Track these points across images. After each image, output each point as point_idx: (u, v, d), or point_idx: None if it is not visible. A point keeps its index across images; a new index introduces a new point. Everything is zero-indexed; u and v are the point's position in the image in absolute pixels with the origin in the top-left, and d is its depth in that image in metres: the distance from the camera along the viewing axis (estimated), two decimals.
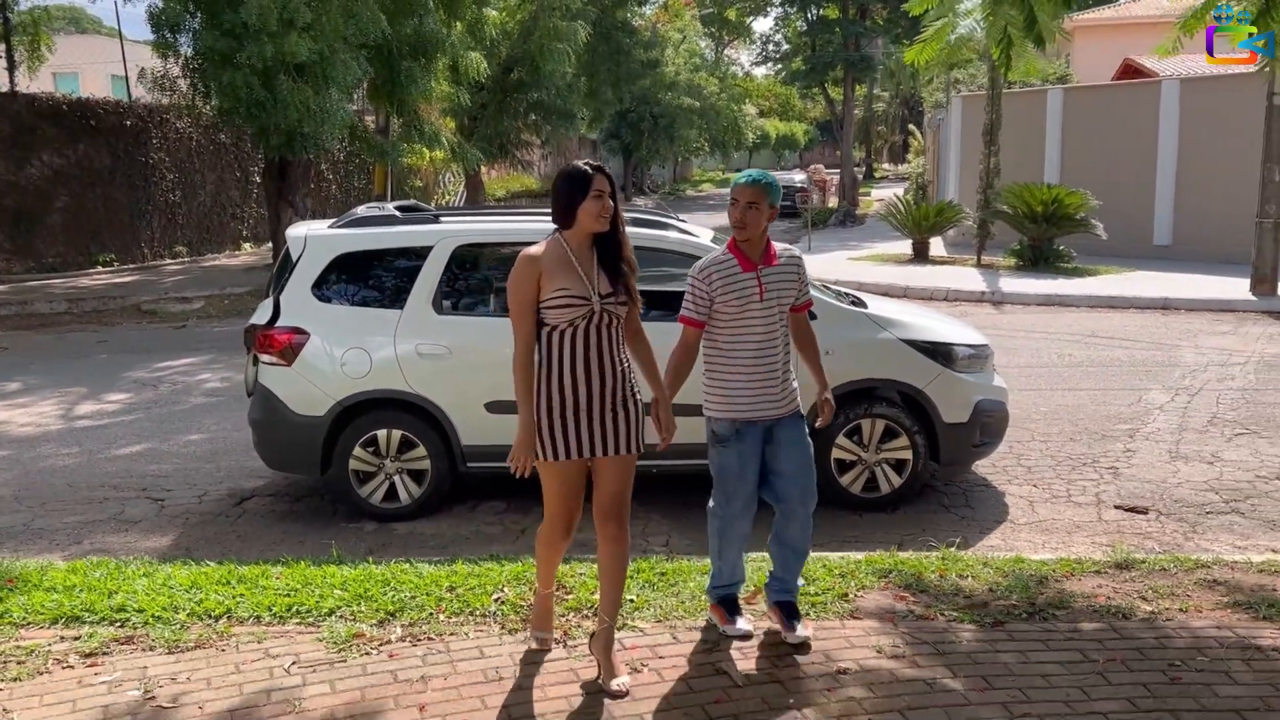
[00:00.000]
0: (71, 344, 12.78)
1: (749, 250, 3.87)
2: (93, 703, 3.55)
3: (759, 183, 3.83)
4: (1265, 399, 8.53)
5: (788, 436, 3.92)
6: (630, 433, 3.65)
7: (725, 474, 3.92)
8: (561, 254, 3.55)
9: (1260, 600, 4.27)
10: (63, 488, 6.70)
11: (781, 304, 3.90)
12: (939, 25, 5.82)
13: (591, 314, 3.53)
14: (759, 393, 3.87)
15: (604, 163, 33.64)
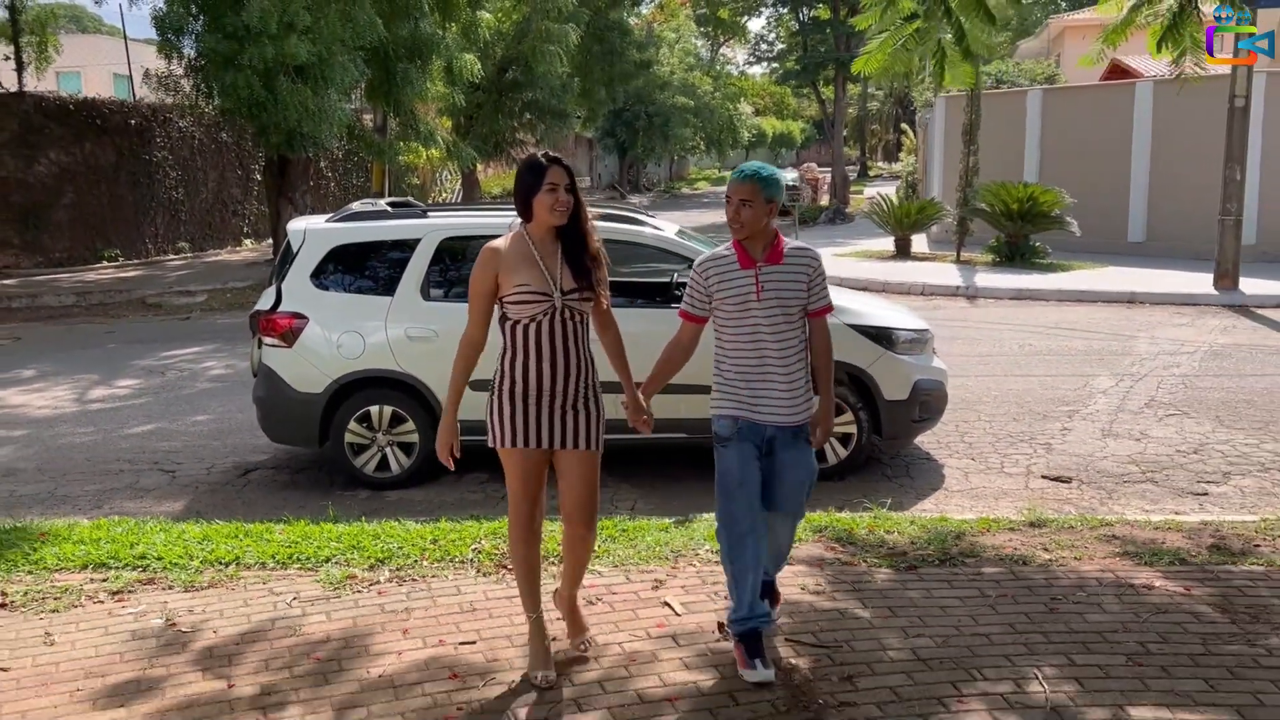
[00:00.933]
0: (81, 335, 13.35)
1: (750, 247, 3.72)
2: (122, 628, 4.12)
3: (751, 179, 3.68)
4: (1203, 384, 9.11)
5: (790, 456, 3.78)
6: (590, 430, 3.63)
7: (725, 475, 3.75)
8: (523, 248, 3.55)
9: (1146, 550, 4.86)
10: (81, 461, 7.28)
11: (786, 305, 3.70)
12: (883, 39, 6.34)
13: (553, 310, 3.51)
14: (761, 393, 3.72)
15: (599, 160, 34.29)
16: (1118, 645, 3.84)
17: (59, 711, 3.45)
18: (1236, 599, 4.25)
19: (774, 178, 3.73)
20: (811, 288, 3.75)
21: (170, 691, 3.58)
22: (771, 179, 3.71)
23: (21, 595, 4.45)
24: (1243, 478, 6.46)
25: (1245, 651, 3.77)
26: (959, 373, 9.69)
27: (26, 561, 4.83)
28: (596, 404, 3.66)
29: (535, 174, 3.51)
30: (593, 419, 3.64)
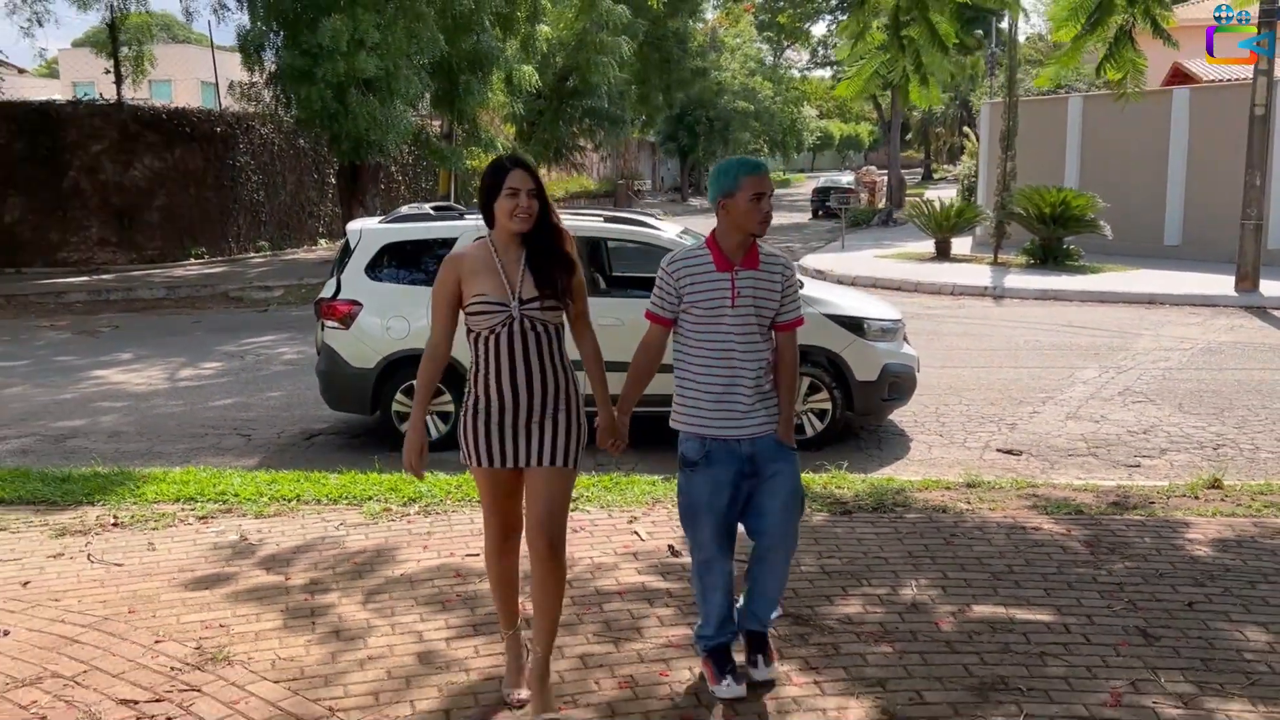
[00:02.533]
0: (170, 324, 14.78)
1: (729, 249, 3.48)
2: (206, 541, 5.26)
3: (766, 171, 3.53)
4: (1181, 376, 9.83)
5: (771, 467, 3.52)
6: (560, 445, 3.41)
7: (693, 503, 3.53)
8: (485, 256, 3.39)
9: (1053, 505, 5.72)
10: (173, 427, 8.53)
11: (760, 312, 3.49)
12: (861, 65, 7.24)
13: (511, 320, 3.34)
14: (730, 407, 3.49)
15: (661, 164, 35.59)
16: (988, 566, 4.75)
17: (159, 591, 4.58)
18: (1105, 538, 5.12)
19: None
20: (784, 297, 3.54)
21: (242, 581, 4.69)
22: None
23: (129, 518, 5.62)
24: (1178, 454, 7.25)
25: (1089, 573, 4.65)
26: (957, 363, 10.56)
27: (132, 495, 6.02)
28: (570, 417, 3.43)
29: (496, 177, 3.35)
30: (562, 433, 3.41)
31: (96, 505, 5.85)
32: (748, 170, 3.46)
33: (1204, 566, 4.73)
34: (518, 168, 3.35)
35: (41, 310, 16.26)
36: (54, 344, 13.12)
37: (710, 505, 3.49)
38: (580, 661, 3.84)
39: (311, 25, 16.60)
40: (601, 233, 7.80)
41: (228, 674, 3.74)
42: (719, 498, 3.49)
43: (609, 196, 34.20)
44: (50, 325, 14.71)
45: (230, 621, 4.21)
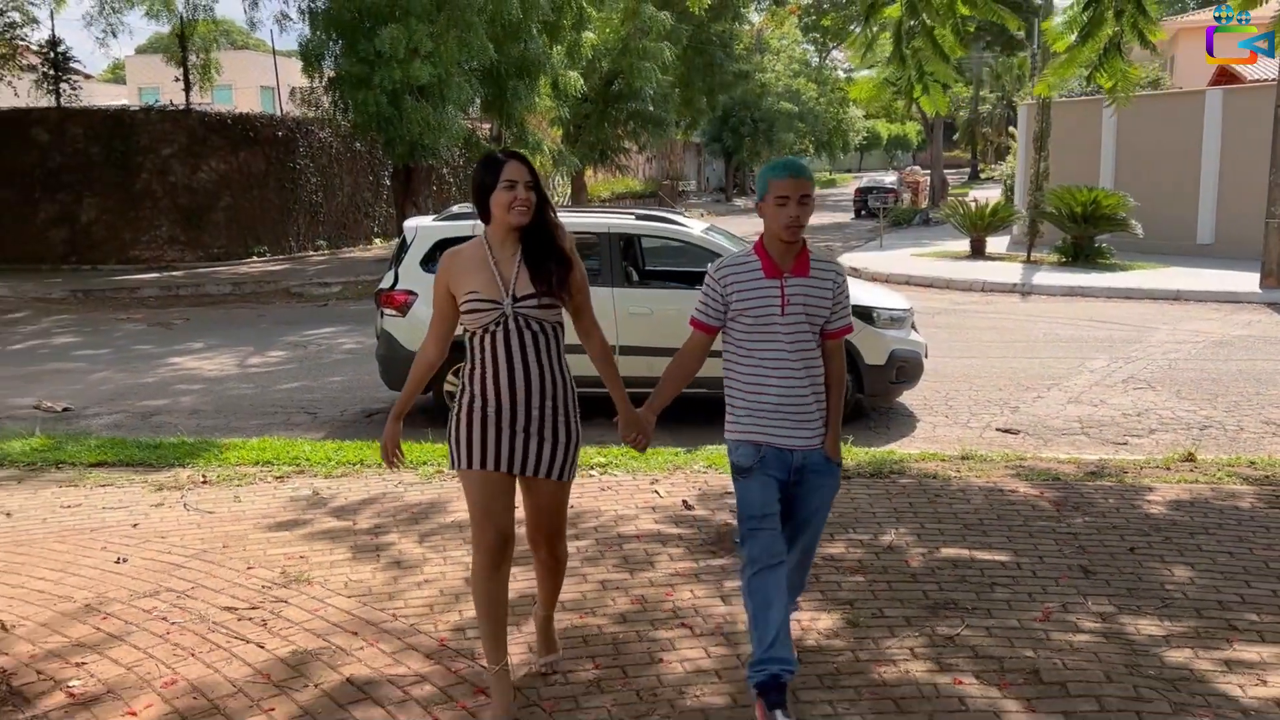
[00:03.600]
0: (237, 317, 15.77)
1: (778, 254, 3.35)
2: (283, 494, 6.07)
3: (806, 172, 3.35)
4: (1186, 366, 10.34)
5: (815, 481, 3.43)
6: (560, 457, 3.33)
7: (747, 508, 3.39)
8: (479, 252, 3.30)
9: (1033, 473, 6.35)
10: (246, 406, 9.40)
11: (812, 320, 3.36)
12: (870, 73, 7.89)
13: (503, 318, 3.23)
14: (785, 416, 3.37)
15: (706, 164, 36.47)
16: (962, 519, 5.41)
17: (247, 532, 5.38)
18: (1073, 498, 5.75)
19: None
20: (836, 304, 3.41)
21: (316, 525, 5.49)
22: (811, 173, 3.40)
23: (216, 476, 6.46)
24: (1165, 433, 7.82)
25: (1050, 525, 5.29)
26: (974, 354, 11.15)
27: (216, 459, 6.86)
28: (568, 429, 3.35)
29: (491, 170, 3.25)
30: (561, 446, 3.33)
31: (187, 467, 6.70)
32: (775, 173, 3.32)
33: (1154, 521, 5.34)
34: (513, 159, 3.27)
35: (117, 304, 17.36)
36: (131, 335, 14.14)
37: (765, 509, 3.34)
38: (600, 585, 4.57)
39: (368, 35, 17.54)
40: (634, 229, 8.52)
41: (309, 591, 4.52)
42: (770, 504, 3.35)
43: (654, 197, 34.94)
44: (126, 318, 15.77)
45: (308, 554, 5.00)
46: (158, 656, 3.86)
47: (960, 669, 3.67)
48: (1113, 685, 3.52)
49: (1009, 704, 3.42)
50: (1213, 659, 3.72)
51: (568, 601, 4.27)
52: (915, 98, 7.70)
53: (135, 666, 3.78)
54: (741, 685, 3.54)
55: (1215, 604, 4.23)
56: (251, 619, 4.21)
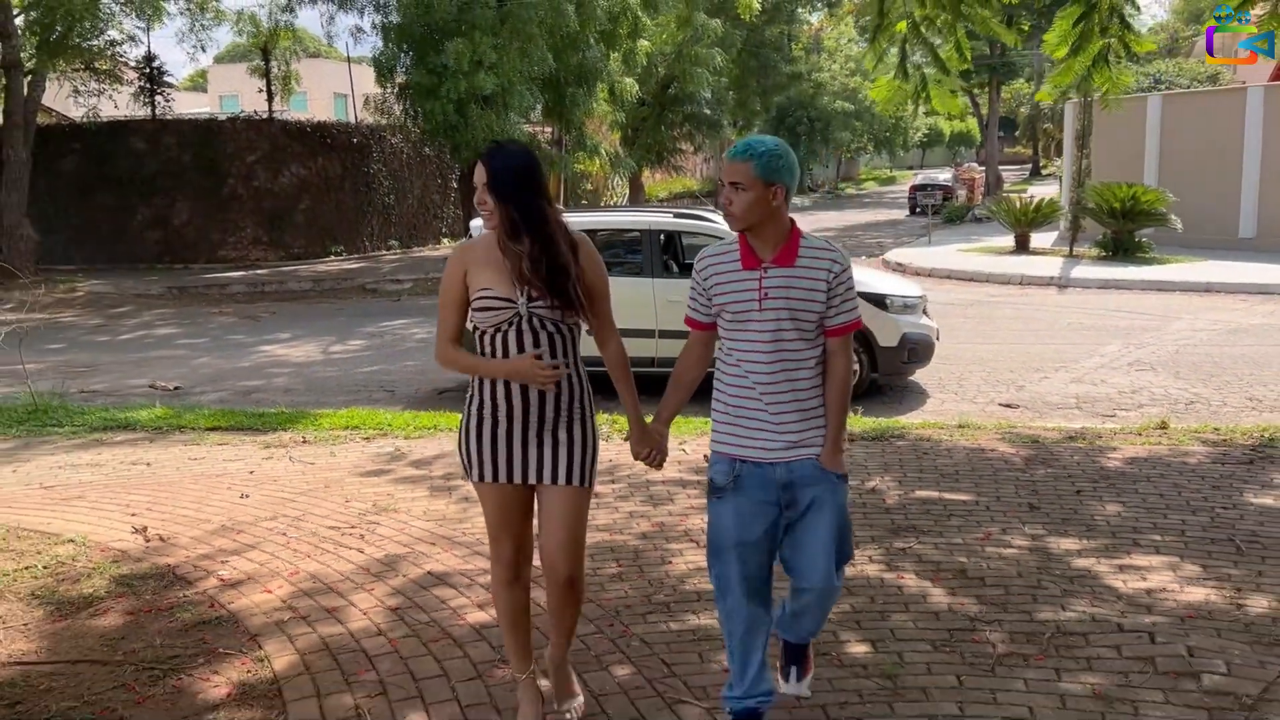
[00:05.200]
0: (318, 311, 17.12)
1: (755, 242, 3.02)
2: (371, 451, 7.22)
3: (743, 156, 2.96)
4: (1193, 351, 11.06)
5: (809, 494, 3.04)
6: (577, 461, 3.14)
7: (716, 532, 3.08)
8: (493, 248, 3.11)
9: (1017, 437, 7.24)
10: (332, 385, 10.62)
11: (797, 316, 2.99)
12: (886, 77, 8.81)
13: (517, 318, 3.06)
14: (760, 424, 3.04)
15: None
16: (940, 470, 6.35)
17: (343, 478, 6.51)
18: (1042, 454, 6.65)
19: (774, 154, 2.96)
20: (832, 297, 3.01)
21: (398, 473, 6.61)
22: (770, 155, 2.95)
23: (314, 437, 7.63)
24: (1153, 408, 8.62)
25: (1017, 476, 6.20)
26: (994, 340, 11.99)
27: (312, 425, 8.04)
28: (585, 430, 3.17)
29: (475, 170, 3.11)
30: (578, 448, 3.15)
31: (288, 430, 7.89)
32: (727, 156, 3.05)
33: (1106, 472, 6.23)
34: (478, 161, 3.09)
35: (208, 300, 18.87)
36: (224, 326, 15.55)
37: (738, 539, 3.01)
38: (629, 515, 5.61)
39: (437, 47, 18.82)
40: (673, 227, 9.56)
41: (395, 517, 5.63)
42: (748, 531, 3.02)
43: (710, 196, 35.91)
44: (218, 312, 17.23)
45: (393, 492, 6.12)
46: (282, 558, 4.99)
47: (904, 569, 4.65)
48: (1021, 579, 4.47)
49: (935, 590, 4.39)
50: (1110, 564, 4.64)
51: (600, 524, 5.31)
52: (920, 103, 8.62)
53: (266, 564, 4.91)
54: None
55: (1130, 529, 5.13)
56: (351, 534, 5.33)
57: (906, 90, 8.38)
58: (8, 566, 4.87)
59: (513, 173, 3.05)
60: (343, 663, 3.81)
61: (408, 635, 4.04)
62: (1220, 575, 4.48)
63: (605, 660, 3.80)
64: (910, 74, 8.13)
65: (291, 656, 3.87)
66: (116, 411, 8.65)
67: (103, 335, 14.94)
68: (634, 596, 4.44)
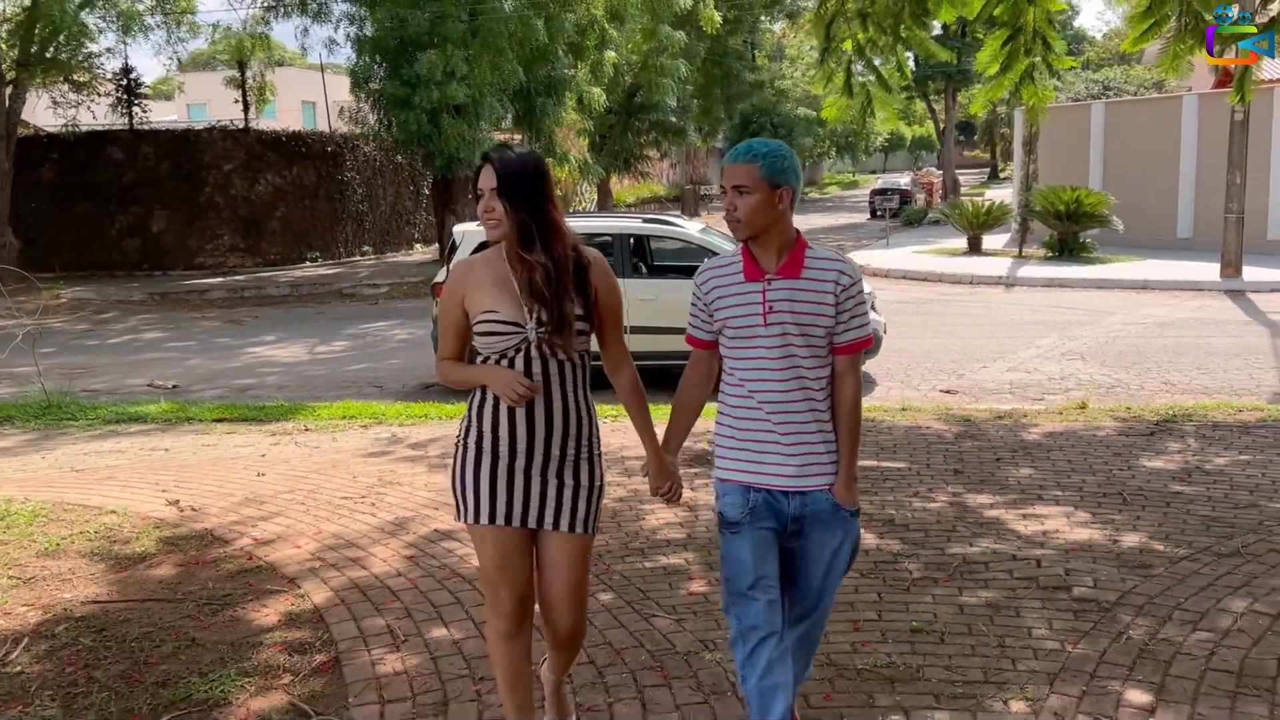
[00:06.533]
0: (299, 315, 17.75)
1: (759, 252, 2.86)
2: (370, 436, 7.94)
3: (745, 157, 2.80)
4: (1122, 342, 12.00)
5: (819, 534, 2.90)
6: (582, 506, 2.93)
7: (735, 570, 2.88)
8: (499, 268, 2.89)
9: (951, 417, 8.08)
10: (322, 382, 11.31)
11: (805, 331, 2.82)
12: (836, 96, 9.64)
13: (525, 344, 2.84)
14: (775, 451, 2.85)
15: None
16: (880, 444, 7.17)
17: (348, 459, 7.23)
18: (971, 430, 7.49)
19: (779, 154, 2.81)
20: (841, 311, 2.84)
21: (398, 453, 7.34)
22: (775, 155, 2.80)
23: (315, 426, 8.34)
24: (1078, 392, 9.50)
25: (944, 446, 7.03)
26: (942, 335, 12.87)
27: (312, 416, 8.75)
28: (592, 472, 2.97)
29: (475, 177, 2.90)
30: (584, 492, 2.94)
31: (290, 421, 8.60)
32: (725, 157, 2.90)
33: (1025, 444, 7.08)
34: (485, 164, 2.87)
35: (189, 305, 19.42)
36: (209, 330, 16.15)
37: (759, 570, 2.84)
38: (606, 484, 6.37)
39: (410, 59, 19.52)
40: (642, 231, 10.34)
41: (399, 488, 6.37)
42: (766, 565, 2.86)
43: (676, 201, 36.79)
44: (201, 316, 17.81)
45: (395, 469, 6.86)
46: (305, 521, 5.71)
47: None
48: (939, 525, 5.30)
49: (866, 535, 5.20)
50: (1015, 514, 5.48)
51: None
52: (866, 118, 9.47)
53: (291, 526, 5.63)
54: (691, 522, 5.33)
55: (1037, 487, 5.98)
56: (363, 503, 6.07)
57: (853, 106, 9.21)
58: (62, 533, 5.57)
59: (524, 177, 2.84)
60: (371, 596, 4.56)
61: (424, 575, 4.79)
62: (1105, 520, 5.32)
63: (591, 589, 4.57)
64: (856, 92, 8.96)
65: (327, 593, 4.61)
66: (126, 406, 9.32)
67: (92, 339, 15.51)
68: (614, 544, 5.21)
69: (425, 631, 4.17)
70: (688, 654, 3.89)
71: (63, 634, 4.22)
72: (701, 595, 4.48)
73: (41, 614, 4.43)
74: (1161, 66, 9.13)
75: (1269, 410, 8.04)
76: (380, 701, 3.60)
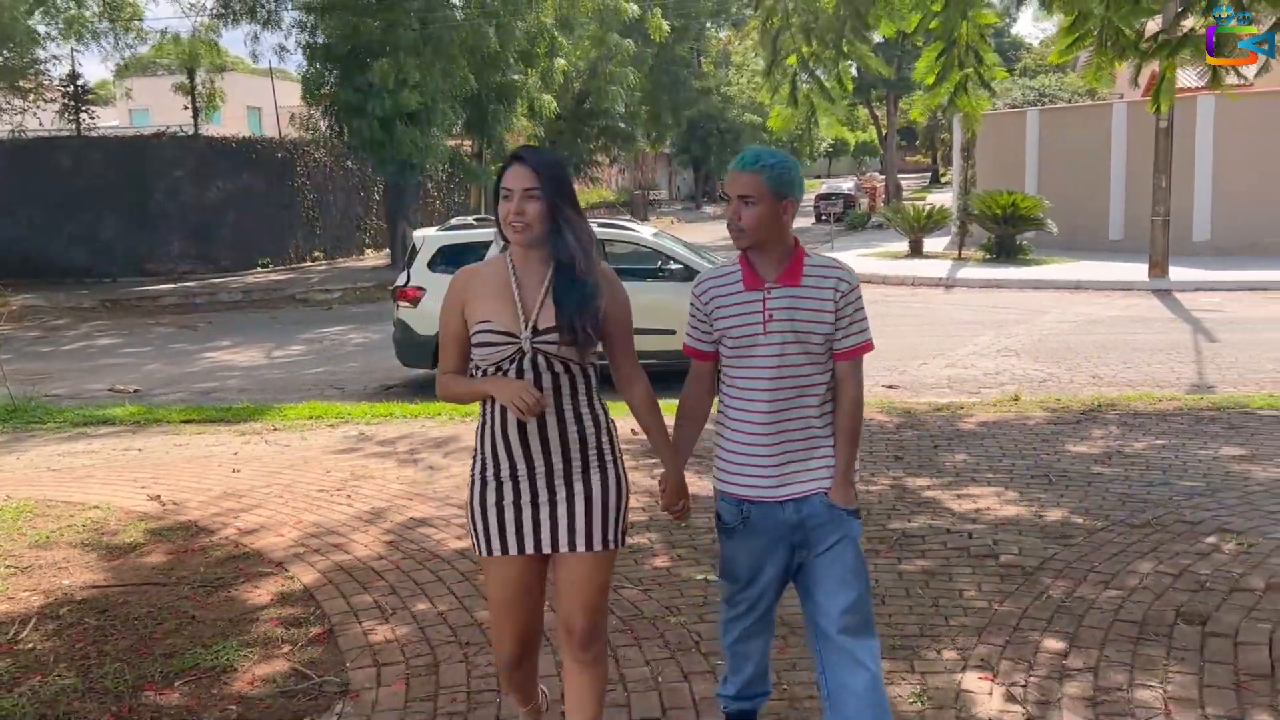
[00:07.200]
0: (253, 320, 17.86)
1: (758, 261, 2.87)
2: (338, 434, 8.22)
3: (753, 168, 2.80)
4: (1054, 339, 12.62)
5: (820, 538, 2.86)
6: (597, 520, 2.75)
7: (728, 570, 2.99)
8: (499, 273, 2.79)
9: (893, 410, 8.56)
10: (283, 386, 11.52)
11: (803, 340, 2.83)
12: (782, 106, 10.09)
13: (520, 355, 2.71)
14: (771, 461, 2.84)
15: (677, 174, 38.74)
16: None
17: (319, 455, 7.51)
18: (912, 421, 7.97)
19: (785, 165, 2.83)
20: (840, 317, 2.86)
21: (368, 450, 7.63)
22: (781, 168, 2.81)
23: (283, 425, 8.60)
24: (1011, 385, 10.04)
25: (886, 436, 7.49)
26: (884, 335, 13.33)
27: (279, 416, 8.99)
28: (607, 477, 2.79)
29: (499, 178, 2.78)
30: (598, 502, 2.76)
31: (258, 421, 8.84)
32: (730, 165, 2.91)
33: (961, 432, 7.57)
34: (516, 162, 2.75)
35: (142, 311, 19.42)
36: (163, 336, 16.22)
37: (750, 575, 2.91)
38: None
39: (362, 66, 19.73)
40: (599, 236, 10.71)
41: (372, 481, 6.67)
42: (761, 572, 2.90)
43: (626, 206, 37.20)
44: (155, 323, 17.85)
45: (367, 464, 7.16)
46: (285, 513, 6.01)
47: None
48: (880, 504, 5.74)
49: None
50: (950, 494, 5.94)
51: None
52: (811, 127, 9.95)
53: (272, 517, 5.92)
54: (651, 506, 5.72)
55: (971, 471, 6.45)
56: (339, 495, 6.37)
57: (798, 116, 9.68)
58: (50, 526, 5.81)
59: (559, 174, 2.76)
60: (357, 576, 4.88)
61: (405, 558, 5.12)
62: (1031, 498, 5.81)
63: None
64: (800, 102, 9.43)
65: (315, 575, 4.92)
66: (93, 409, 9.50)
67: (46, 346, 15.52)
68: None
69: (411, 605, 4.51)
70: (654, 618, 4.28)
71: (67, 615, 4.49)
72: (664, 569, 4.87)
73: (44, 598, 4.70)
74: (1086, 77, 9.70)
75: (1185, 400, 8.63)
76: (375, 665, 3.93)
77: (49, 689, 3.78)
